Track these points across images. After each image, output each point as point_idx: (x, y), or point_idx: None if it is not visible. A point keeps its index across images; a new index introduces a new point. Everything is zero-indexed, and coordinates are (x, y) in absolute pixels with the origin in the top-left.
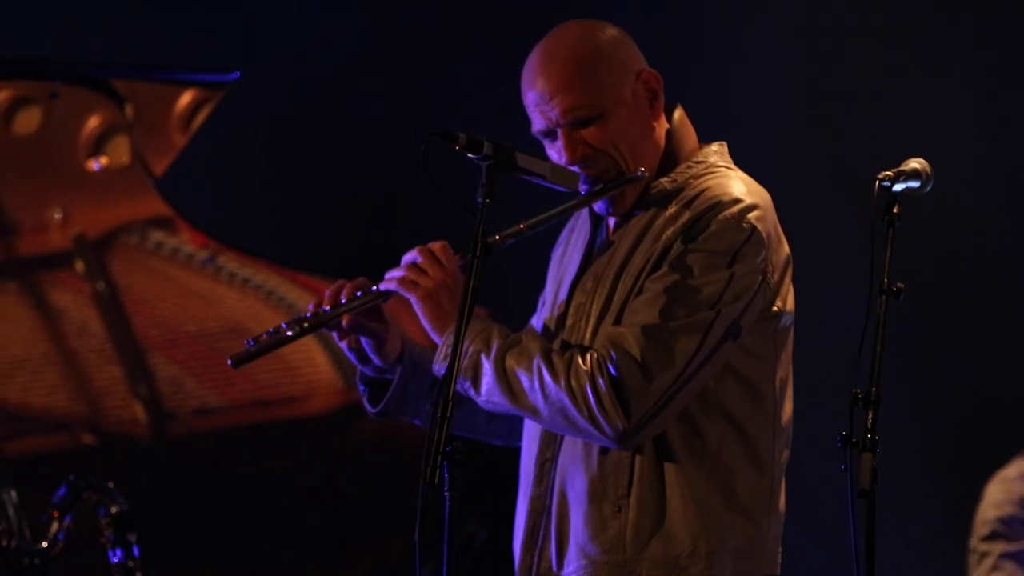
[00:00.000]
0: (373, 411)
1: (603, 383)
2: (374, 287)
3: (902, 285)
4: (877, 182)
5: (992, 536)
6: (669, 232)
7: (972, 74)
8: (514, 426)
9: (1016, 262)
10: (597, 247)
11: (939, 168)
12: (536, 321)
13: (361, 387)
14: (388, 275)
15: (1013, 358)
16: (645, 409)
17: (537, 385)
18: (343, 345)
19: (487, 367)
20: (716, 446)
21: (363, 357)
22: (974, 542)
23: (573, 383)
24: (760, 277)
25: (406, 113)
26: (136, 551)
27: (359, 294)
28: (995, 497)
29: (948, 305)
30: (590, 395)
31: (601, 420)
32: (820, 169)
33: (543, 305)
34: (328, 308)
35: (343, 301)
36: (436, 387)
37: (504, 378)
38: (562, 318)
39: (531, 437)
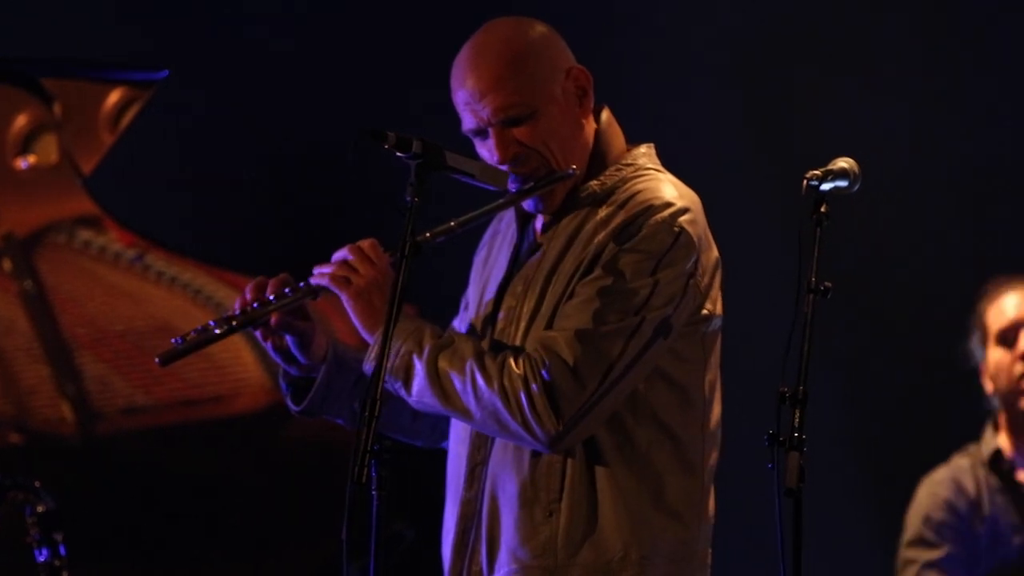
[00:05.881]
0: (296, 409)
1: (536, 387)
2: (301, 283)
3: (830, 284)
4: (805, 181)
5: (917, 541)
6: (600, 236)
7: (902, 72)
8: (436, 426)
9: (943, 261)
10: (525, 250)
11: (867, 167)
12: (459, 324)
13: (283, 386)
14: (318, 270)
15: (939, 357)
16: (575, 413)
17: (470, 388)
18: (267, 345)
19: (419, 368)
20: (645, 449)
21: (288, 357)
22: (901, 547)
23: (507, 386)
24: (690, 281)
25: (336, 112)
26: (63, 550)
27: (287, 291)
28: (922, 501)
29: (876, 304)
30: (523, 399)
31: (533, 424)
32: (748, 168)
33: (466, 308)
34: (256, 305)
35: (271, 299)
36: (362, 386)
37: (436, 379)
38: (491, 321)
39: (459, 440)
